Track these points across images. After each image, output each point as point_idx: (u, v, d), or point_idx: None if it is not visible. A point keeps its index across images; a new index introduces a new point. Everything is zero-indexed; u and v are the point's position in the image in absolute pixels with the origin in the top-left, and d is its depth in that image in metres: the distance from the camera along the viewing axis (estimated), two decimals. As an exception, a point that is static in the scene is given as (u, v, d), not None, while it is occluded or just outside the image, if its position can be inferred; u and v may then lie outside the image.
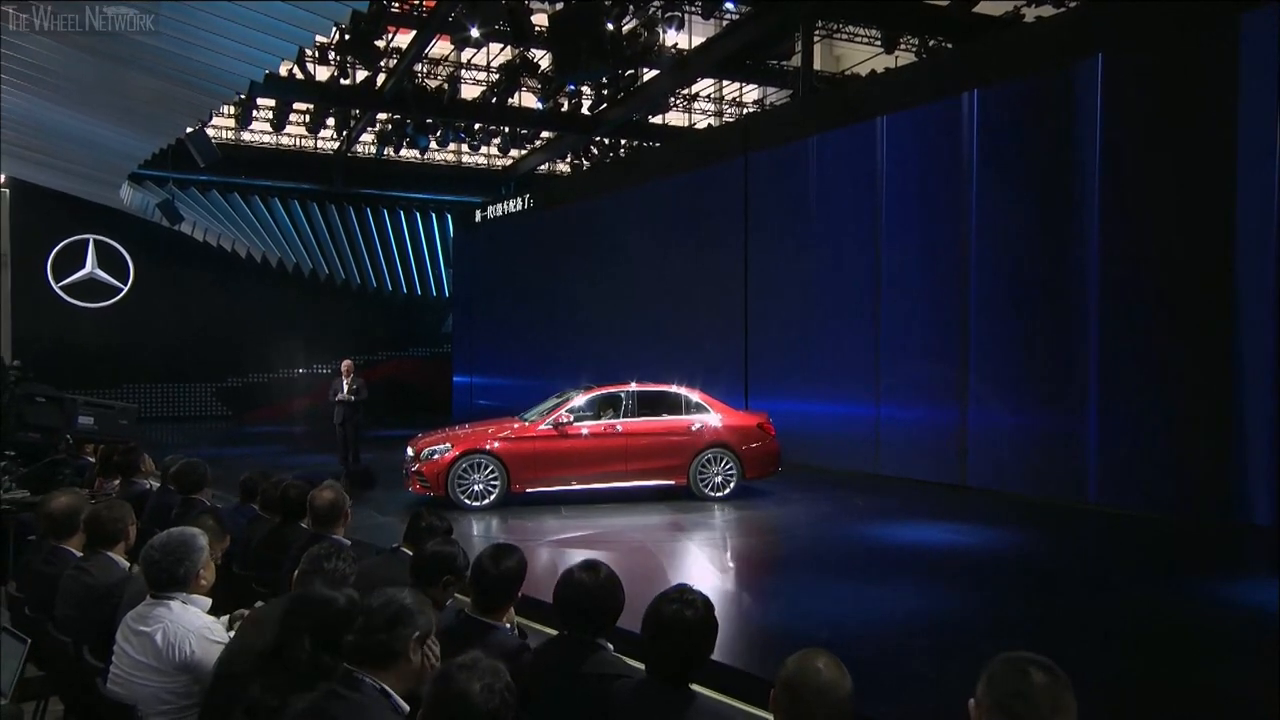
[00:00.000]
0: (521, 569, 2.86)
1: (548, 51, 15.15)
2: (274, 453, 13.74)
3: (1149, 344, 8.26)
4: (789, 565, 7.23)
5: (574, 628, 2.55)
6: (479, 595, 2.82)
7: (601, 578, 2.54)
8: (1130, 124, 8.41)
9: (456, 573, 3.12)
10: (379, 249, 21.47)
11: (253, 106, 17.49)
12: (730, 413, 9.63)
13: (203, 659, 2.50)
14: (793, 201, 12.10)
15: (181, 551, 2.69)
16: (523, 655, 2.72)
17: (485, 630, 2.78)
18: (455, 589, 3.17)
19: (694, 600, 2.25)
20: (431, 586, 3.14)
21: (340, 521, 3.92)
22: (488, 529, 8.22)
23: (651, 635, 2.26)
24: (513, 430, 9.30)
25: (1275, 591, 5.74)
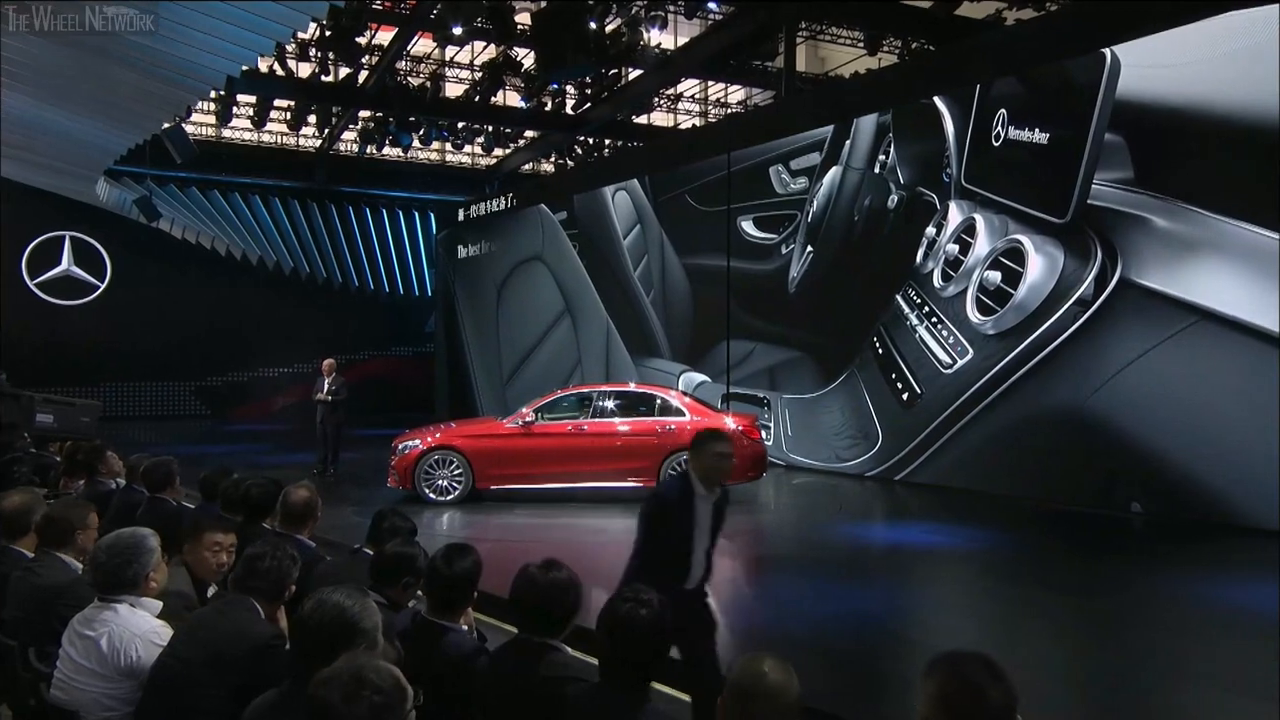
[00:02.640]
0: (477, 569, 2.81)
1: (531, 50, 15.08)
2: (253, 451, 13.64)
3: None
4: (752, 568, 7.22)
5: (530, 628, 2.51)
6: (433, 597, 2.78)
7: (559, 577, 2.49)
8: None
9: (417, 574, 3.07)
10: (361, 247, 21.34)
11: (233, 103, 17.33)
12: (710, 416, 9.43)
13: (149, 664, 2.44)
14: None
15: (130, 553, 2.62)
16: (479, 658, 2.68)
17: (441, 632, 2.73)
18: (416, 590, 3.12)
19: (649, 600, 2.21)
20: (391, 587, 3.09)
21: (310, 522, 3.85)
22: (451, 525, 8.32)
23: (606, 636, 2.22)
24: (481, 428, 9.44)
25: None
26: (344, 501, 8.90)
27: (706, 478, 3.50)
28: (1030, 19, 12.86)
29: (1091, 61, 8.56)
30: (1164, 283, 8.00)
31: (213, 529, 3.45)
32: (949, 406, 9.86)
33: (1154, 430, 8.06)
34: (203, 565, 3.38)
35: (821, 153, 11.88)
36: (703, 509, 3.52)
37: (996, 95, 9.61)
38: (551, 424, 9.33)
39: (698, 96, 20.54)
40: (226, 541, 3.47)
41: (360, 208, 21.39)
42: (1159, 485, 8.06)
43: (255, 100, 17.50)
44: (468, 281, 19.15)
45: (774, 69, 16.58)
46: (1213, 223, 7.67)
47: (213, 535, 3.40)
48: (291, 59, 15.39)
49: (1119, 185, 8.36)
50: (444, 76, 17.21)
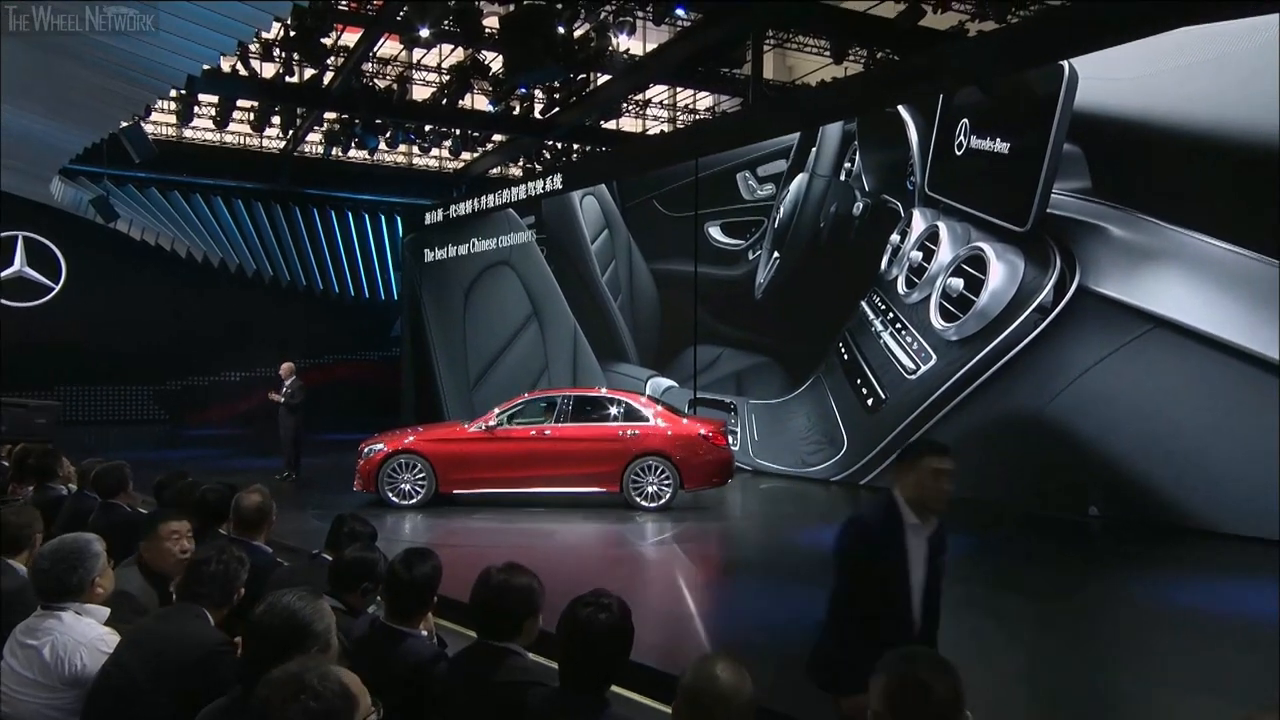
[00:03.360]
0: (437, 574, 2.78)
1: (499, 53, 15.03)
2: (213, 457, 13.40)
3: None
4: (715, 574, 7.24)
5: (490, 632, 2.49)
6: (391, 602, 2.74)
7: (520, 580, 2.47)
8: None
9: (376, 579, 3.04)
10: (326, 250, 21.10)
11: (194, 103, 17.05)
12: (674, 421, 9.39)
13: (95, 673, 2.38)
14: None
15: (75, 559, 2.55)
16: (437, 664, 2.65)
17: (399, 639, 2.70)
18: (375, 596, 3.09)
19: (609, 604, 2.20)
20: (350, 593, 3.06)
21: (265, 527, 3.79)
22: (413, 530, 8.33)
23: (565, 640, 2.20)
24: (445, 432, 9.47)
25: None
26: (304, 506, 8.80)
27: (919, 502, 2.77)
28: (992, 30, 13.10)
29: (1051, 73, 8.74)
30: (1120, 291, 8.18)
31: (168, 519, 3.41)
32: (913, 412, 9.98)
33: (1111, 435, 8.23)
34: (164, 558, 3.33)
35: (788, 160, 11.99)
36: (916, 544, 2.78)
37: (959, 105, 9.77)
38: (515, 428, 9.31)
39: (666, 102, 20.61)
40: (184, 529, 3.43)
41: (325, 210, 21.14)
42: (1116, 489, 8.23)
43: (217, 100, 17.22)
44: (434, 285, 19.03)
45: (742, 76, 16.70)
46: (1167, 232, 7.86)
47: (168, 525, 3.37)
48: (255, 59, 15.18)
49: (1077, 195, 8.54)
50: (411, 79, 17.10)
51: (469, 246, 17.79)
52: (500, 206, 17.01)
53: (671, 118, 20.88)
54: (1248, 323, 7.33)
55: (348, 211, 21.43)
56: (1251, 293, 7.32)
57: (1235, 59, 7.41)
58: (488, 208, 17.36)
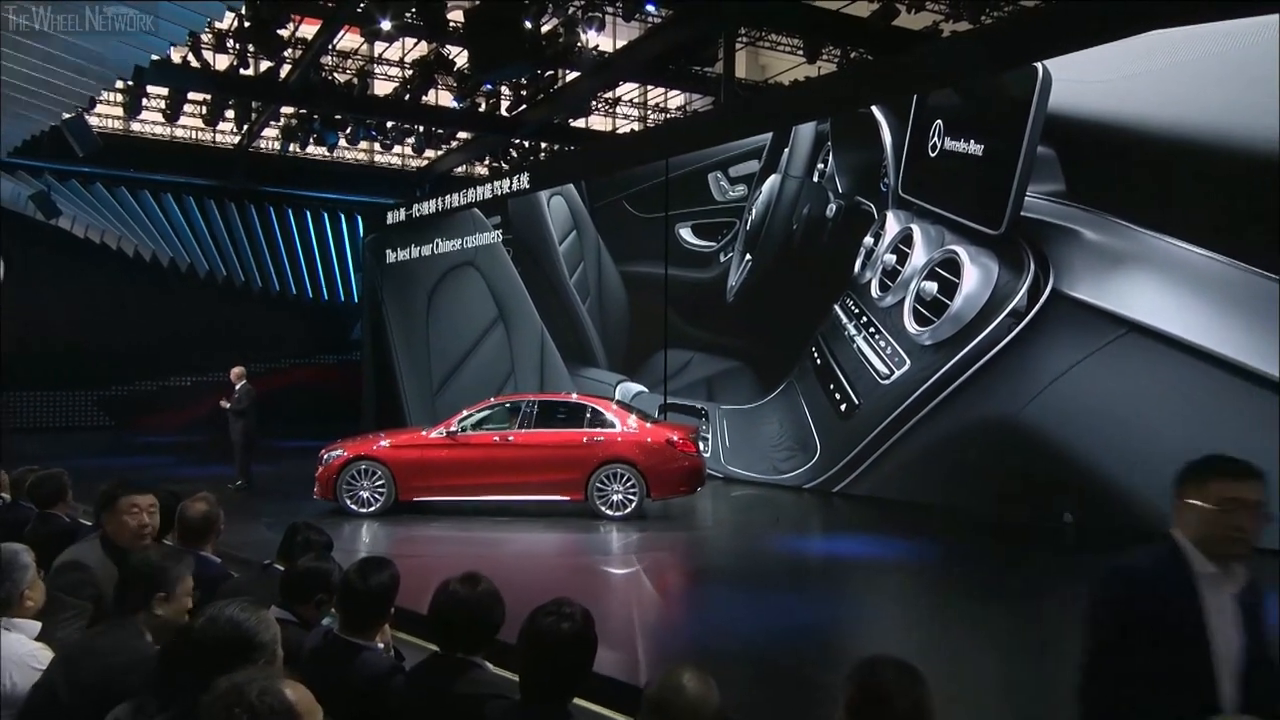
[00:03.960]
0: (394, 584, 2.74)
1: (464, 48, 14.96)
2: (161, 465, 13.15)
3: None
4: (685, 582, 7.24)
5: (451, 645, 2.46)
6: (346, 613, 2.71)
7: (479, 590, 2.45)
8: None
9: (330, 590, 3.00)
10: (283, 250, 20.86)
11: (142, 95, 16.76)
12: (641, 427, 9.33)
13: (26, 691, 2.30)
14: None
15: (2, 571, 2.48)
16: (394, 677, 2.62)
17: (354, 651, 2.66)
18: (329, 607, 3.04)
19: (572, 613, 2.19)
20: (303, 604, 3.02)
21: (212, 536, 3.72)
22: (371, 538, 8.30)
23: (526, 651, 2.19)
24: (405, 438, 9.44)
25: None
26: (257, 516, 8.67)
27: (1214, 544, 2.06)
28: (966, 31, 13.31)
29: (1024, 75, 8.89)
30: (1094, 295, 8.33)
31: (129, 492, 3.38)
32: (886, 418, 10.07)
33: (1085, 441, 8.36)
34: (122, 531, 3.33)
35: (760, 160, 12.06)
36: (1219, 602, 2.04)
37: (933, 106, 9.90)
38: (477, 434, 9.27)
39: (636, 101, 20.67)
40: (145, 503, 3.41)
41: (282, 208, 20.90)
42: (1090, 495, 8.36)
43: (167, 93, 16.94)
44: (397, 287, 18.88)
45: (713, 75, 16.78)
46: (1140, 237, 8.02)
47: (129, 499, 3.35)
48: (207, 50, 14.97)
49: (1051, 198, 8.69)
50: (372, 73, 16.98)
51: (432, 247, 17.68)
52: (465, 206, 16.93)
53: (642, 116, 20.93)
54: (1220, 328, 7.49)
55: (306, 210, 21.20)
56: (1224, 298, 7.48)
57: (1210, 62, 7.58)
58: (452, 207, 17.26)
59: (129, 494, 3.41)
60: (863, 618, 6.20)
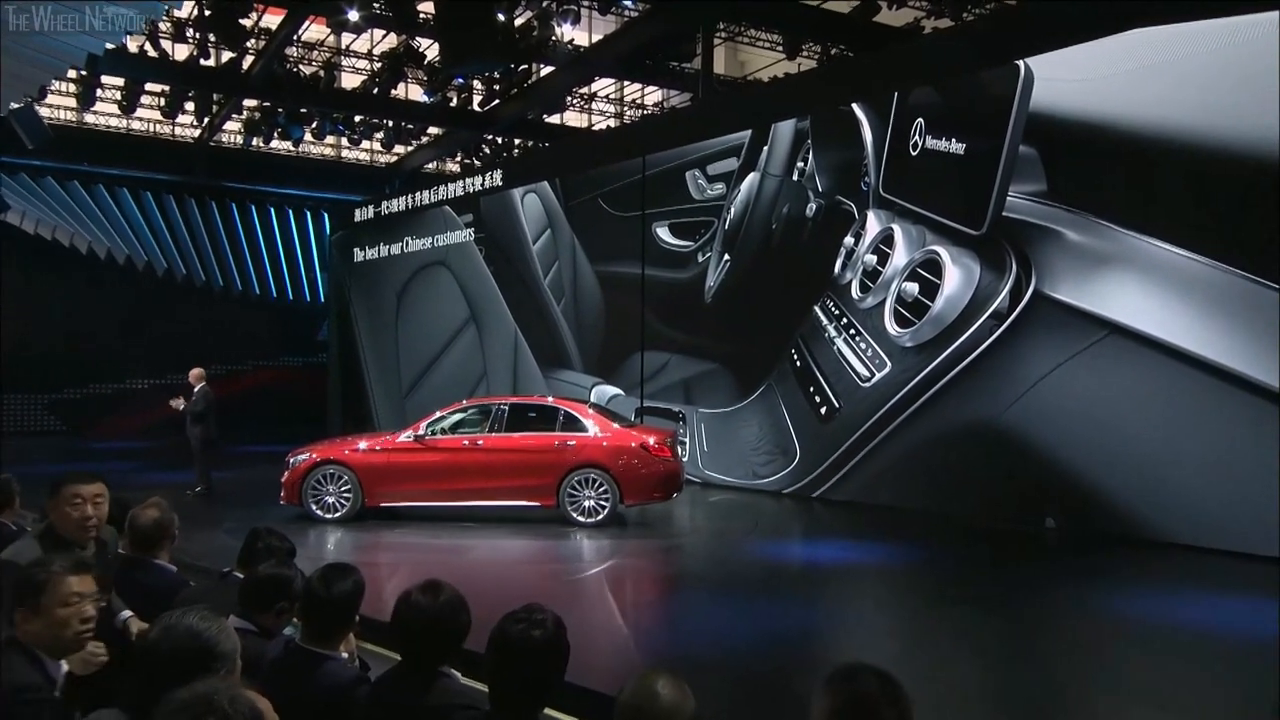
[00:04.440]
0: (359, 591, 2.72)
1: (434, 41, 14.89)
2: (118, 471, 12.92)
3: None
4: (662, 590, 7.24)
5: (413, 655, 2.44)
6: (309, 622, 2.68)
7: (442, 599, 2.43)
8: None
9: (293, 598, 2.97)
10: (245, 248, 20.63)
11: (96, 85, 16.51)
12: (614, 430, 9.29)
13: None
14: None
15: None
16: (359, 688, 2.60)
17: (317, 661, 2.63)
18: (291, 616, 3.01)
19: (543, 620, 2.18)
20: (263, 613, 2.99)
21: (165, 543, 3.67)
22: (337, 545, 8.27)
23: (496, 660, 2.17)
24: (372, 442, 9.43)
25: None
26: (217, 523, 8.58)
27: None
28: (947, 28, 13.44)
29: (1006, 73, 9.00)
30: (1076, 296, 8.44)
31: (74, 481, 3.35)
32: (867, 421, 10.14)
33: (1067, 445, 8.46)
34: (66, 523, 3.31)
35: (739, 158, 12.11)
36: None
37: (914, 104, 9.99)
38: (445, 438, 9.26)
39: (612, 97, 20.67)
40: (89, 493, 3.35)
41: (245, 205, 20.69)
42: (1072, 500, 8.46)
43: (123, 83, 16.70)
44: (364, 287, 18.76)
45: (691, 71, 16.83)
46: (1123, 237, 8.14)
47: (72, 487, 3.29)
48: (166, 39, 14.78)
49: (1033, 198, 8.79)
50: (339, 65, 16.84)
51: (402, 246, 17.59)
52: (436, 204, 16.86)
53: (618, 113, 20.94)
54: (1203, 331, 7.61)
55: (269, 207, 21.00)
56: (1207, 300, 7.60)
57: (1195, 61, 7.68)
58: (422, 205, 17.18)
59: (73, 482, 3.33)
60: (842, 625, 6.23)
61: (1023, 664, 5.18)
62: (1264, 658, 5.00)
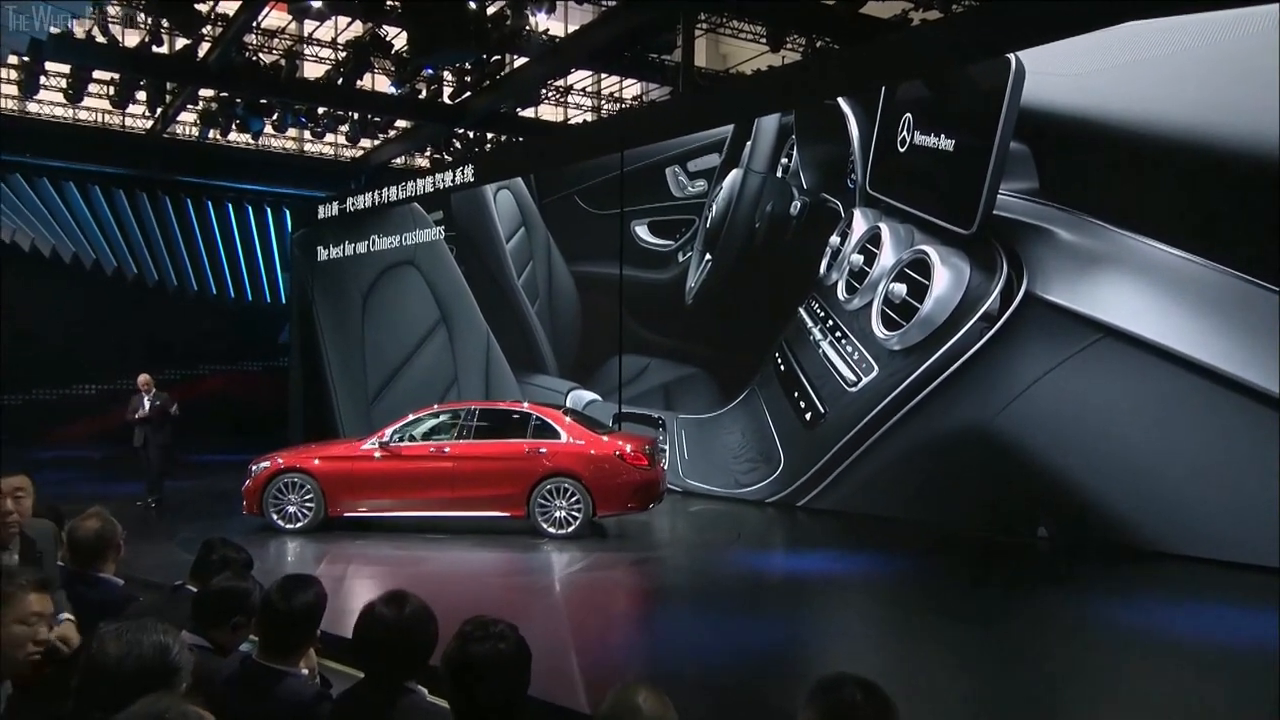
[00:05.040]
0: (319, 604, 2.70)
1: (403, 29, 14.83)
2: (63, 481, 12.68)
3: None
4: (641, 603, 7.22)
5: (377, 670, 2.41)
6: (267, 636, 2.65)
7: (407, 611, 2.40)
8: None
9: (249, 612, 2.93)
10: (201, 246, 20.51)
11: (39, 71, 16.27)
12: (588, 437, 9.26)
13: None
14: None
15: None
16: (320, 705, 2.57)
17: (275, 678, 2.60)
18: (248, 631, 2.97)
19: (502, 632, 2.15)
20: (218, 629, 2.95)
21: (110, 556, 3.60)
22: (299, 556, 8.28)
23: (456, 681, 2.13)
24: (336, 449, 9.50)
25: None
26: (170, 536, 8.48)
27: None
28: (936, 20, 13.56)
29: (996, 67, 9.08)
30: (1069, 298, 8.52)
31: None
32: (853, 427, 10.18)
33: (1061, 451, 8.53)
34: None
35: (721, 154, 12.14)
36: None
37: (902, 99, 10.06)
38: (411, 445, 9.25)
39: (589, 90, 20.68)
40: (7, 487, 3.29)
41: (201, 200, 20.54)
42: (1065, 509, 8.53)
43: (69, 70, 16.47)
44: (328, 287, 18.66)
45: (672, 63, 16.85)
46: (1116, 237, 8.23)
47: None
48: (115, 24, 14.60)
49: (1024, 196, 8.88)
50: (301, 54, 16.71)
51: (368, 244, 17.52)
52: (404, 200, 16.80)
53: (595, 106, 20.95)
54: (1199, 333, 7.69)
55: (227, 203, 20.87)
56: (1203, 302, 7.69)
57: (1191, 55, 7.78)
58: (389, 201, 17.11)
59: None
60: (826, 639, 6.25)
61: (1014, 680, 5.20)
62: (1266, 672, 5.04)
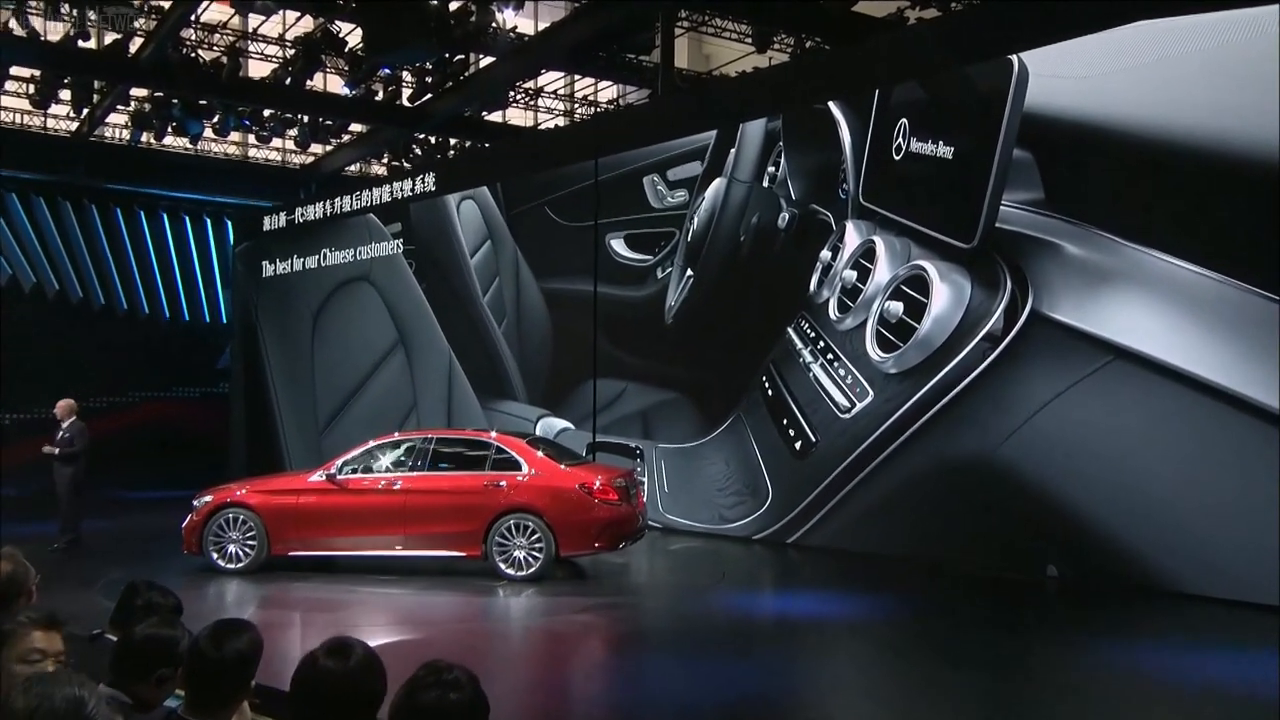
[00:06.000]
0: (254, 651, 2.65)
1: (357, 25, 14.86)
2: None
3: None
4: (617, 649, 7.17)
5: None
6: (195, 689, 2.60)
7: (352, 662, 2.36)
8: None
9: (176, 663, 2.88)
10: (133, 261, 20.32)
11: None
12: (551, 468, 9.15)
13: None
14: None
15: None
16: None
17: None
18: (175, 685, 2.92)
19: (457, 680, 2.12)
20: (140, 682, 2.89)
21: (20, 601, 3.54)
22: (238, 600, 8.27)
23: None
24: (280, 482, 9.56)
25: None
26: (89, 581, 8.33)
27: None
28: (933, 20, 13.76)
29: (998, 69, 9.22)
30: (1078, 317, 8.60)
31: None
32: (847, 457, 10.21)
33: (1069, 483, 8.58)
34: None
35: (703, 162, 12.23)
36: None
37: (897, 103, 10.19)
38: (361, 478, 9.22)
39: (561, 92, 20.79)
40: None
41: (132, 210, 20.40)
42: (1076, 545, 8.57)
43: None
44: (274, 305, 18.61)
45: (650, 64, 16.99)
46: (1128, 251, 8.33)
47: None
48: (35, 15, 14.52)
49: (1029, 207, 8.99)
50: (246, 51, 16.68)
51: (319, 259, 17.51)
52: (359, 211, 16.81)
53: (568, 110, 21.05)
54: (1217, 355, 7.77)
55: (162, 212, 20.74)
56: (1221, 320, 7.77)
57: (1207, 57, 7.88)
58: (343, 212, 17.11)
59: None
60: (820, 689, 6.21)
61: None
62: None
